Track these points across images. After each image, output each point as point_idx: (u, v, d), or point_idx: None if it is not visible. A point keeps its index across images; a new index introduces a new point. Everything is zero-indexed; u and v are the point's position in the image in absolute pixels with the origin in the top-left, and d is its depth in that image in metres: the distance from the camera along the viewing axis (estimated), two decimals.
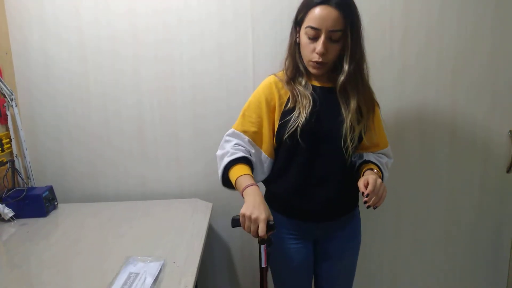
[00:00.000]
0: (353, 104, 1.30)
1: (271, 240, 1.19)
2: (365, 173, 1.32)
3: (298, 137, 1.28)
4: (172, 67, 1.79)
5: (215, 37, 1.76)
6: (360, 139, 1.34)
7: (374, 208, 1.23)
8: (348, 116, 1.29)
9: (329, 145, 1.32)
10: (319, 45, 1.23)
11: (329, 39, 1.23)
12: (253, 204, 1.16)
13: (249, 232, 1.15)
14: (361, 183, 1.23)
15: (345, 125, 1.29)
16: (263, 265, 1.23)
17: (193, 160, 1.87)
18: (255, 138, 1.36)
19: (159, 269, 1.20)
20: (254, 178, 1.27)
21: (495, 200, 1.92)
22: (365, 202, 1.21)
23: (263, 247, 1.20)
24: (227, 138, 1.38)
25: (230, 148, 1.33)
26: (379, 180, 1.23)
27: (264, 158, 1.38)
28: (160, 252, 1.34)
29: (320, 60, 1.26)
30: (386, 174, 1.42)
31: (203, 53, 1.78)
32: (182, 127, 1.84)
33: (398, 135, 1.83)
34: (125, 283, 1.13)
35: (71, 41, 1.76)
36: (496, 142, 1.85)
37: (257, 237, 1.14)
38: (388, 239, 1.96)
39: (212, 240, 1.94)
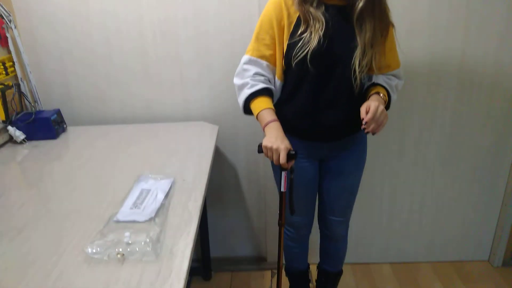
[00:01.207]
0: (368, 29, 1.25)
1: (293, 168, 1.29)
2: (371, 98, 1.31)
3: (308, 62, 1.25)
4: None
5: None
6: (370, 63, 1.30)
7: (373, 134, 1.25)
8: (361, 42, 1.25)
9: (339, 70, 1.30)
10: None
11: None
12: (275, 136, 1.24)
13: (272, 160, 1.24)
14: (363, 109, 1.24)
15: (357, 51, 1.25)
16: (282, 190, 1.35)
17: (198, 83, 1.86)
18: (272, 60, 1.34)
19: (169, 185, 1.26)
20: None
21: (498, 125, 1.93)
22: (364, 129, 1.23)
23: (283, 173, 1.32)
24: (245, 66, 1.35)
25: (249, 79, 1.32)
26: (381, 107, 1.22)
27: (276, 80, 1.37)
28: (169, 171, 1.39)
29: None
30: (394, 97, 1.41)
31: None
32: (184, 45, 1.80)
33: (406, 56, 1.78)
34: (138, 198, 1.18)
35: None
36: (506, 69, 1.82)
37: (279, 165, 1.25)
38: (391, 157, 2.00)
39: (219, 161, 2.00)
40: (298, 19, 1.27)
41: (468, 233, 2.17)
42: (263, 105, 1.30)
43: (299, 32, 1.27)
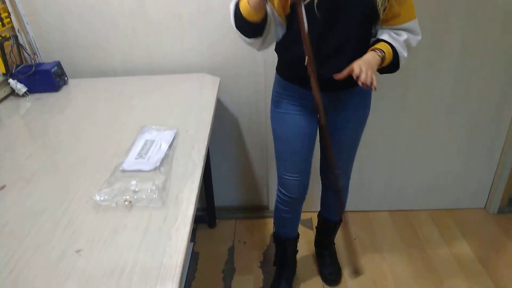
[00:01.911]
0: None
1: None
2: (365, 55, 1.24)
3: (315, 7, 1.18)
4: None
5: None
6: (384, 8, 1.22)
7: (375, 90, 1.18)
8: None
9: (347, 16, 1.22)
10: None
11: None
12: None
13: None
14: (346, 70, 1.18)
15: None
16: (306, 30, 1.11)
17: (198, 34, 1.82)
18: (272, 1, 1.23)
19: (173, 136, 1.27)
20: (269, 27, 1.21)
21: (502, 75, 1.90)
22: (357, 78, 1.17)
23: (303, 5, 1.08)
24: None
25: None
26: (364, 67, 1.16)
27: (279, 21, 1.27)
28: (172, 122, 1.40)
29: None
30: (404, 53, 1.29)
31: None
32: None
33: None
34: (142, 148, 1.20)
35: None
36: None
37: None
38: (392, 104, 1.99)
39: (221, 112, 2.00)
40: None
41: (465, 181, 2.21)
42: None
43: None
